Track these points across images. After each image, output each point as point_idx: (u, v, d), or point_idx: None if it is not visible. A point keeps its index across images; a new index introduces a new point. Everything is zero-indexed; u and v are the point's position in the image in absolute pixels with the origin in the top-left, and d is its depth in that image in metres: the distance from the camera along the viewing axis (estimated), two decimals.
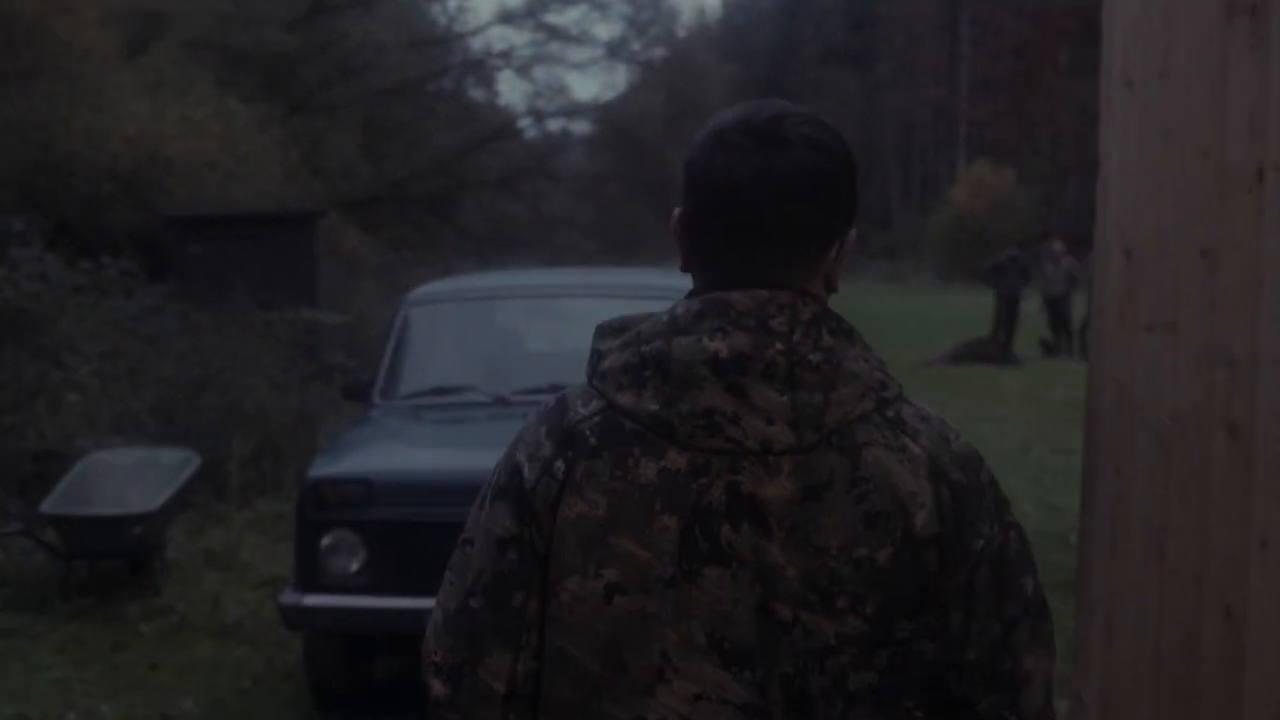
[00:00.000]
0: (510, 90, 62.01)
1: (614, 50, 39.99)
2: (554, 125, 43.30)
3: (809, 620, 1.50)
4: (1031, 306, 21.44)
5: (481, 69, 40.10)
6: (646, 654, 1.52)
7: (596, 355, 1.60)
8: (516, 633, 1.58)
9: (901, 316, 27.41)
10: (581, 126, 44.28)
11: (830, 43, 67.85)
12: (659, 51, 43.32)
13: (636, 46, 41.61)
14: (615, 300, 6.35)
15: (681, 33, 48.21)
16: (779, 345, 1.49)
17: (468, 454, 5.57)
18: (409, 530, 5.12)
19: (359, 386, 6.48)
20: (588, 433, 1.55)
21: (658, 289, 6.24)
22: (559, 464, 1.55)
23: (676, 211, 1.62)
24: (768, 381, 1.48)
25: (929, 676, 1.56)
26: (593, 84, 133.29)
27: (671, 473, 1.51)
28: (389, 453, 5.69)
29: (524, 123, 40.69)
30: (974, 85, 57.57)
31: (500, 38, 53.40)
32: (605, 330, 1.61)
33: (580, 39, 38.73)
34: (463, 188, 36.55)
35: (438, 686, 1.62)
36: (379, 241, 30.64)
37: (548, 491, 1.55)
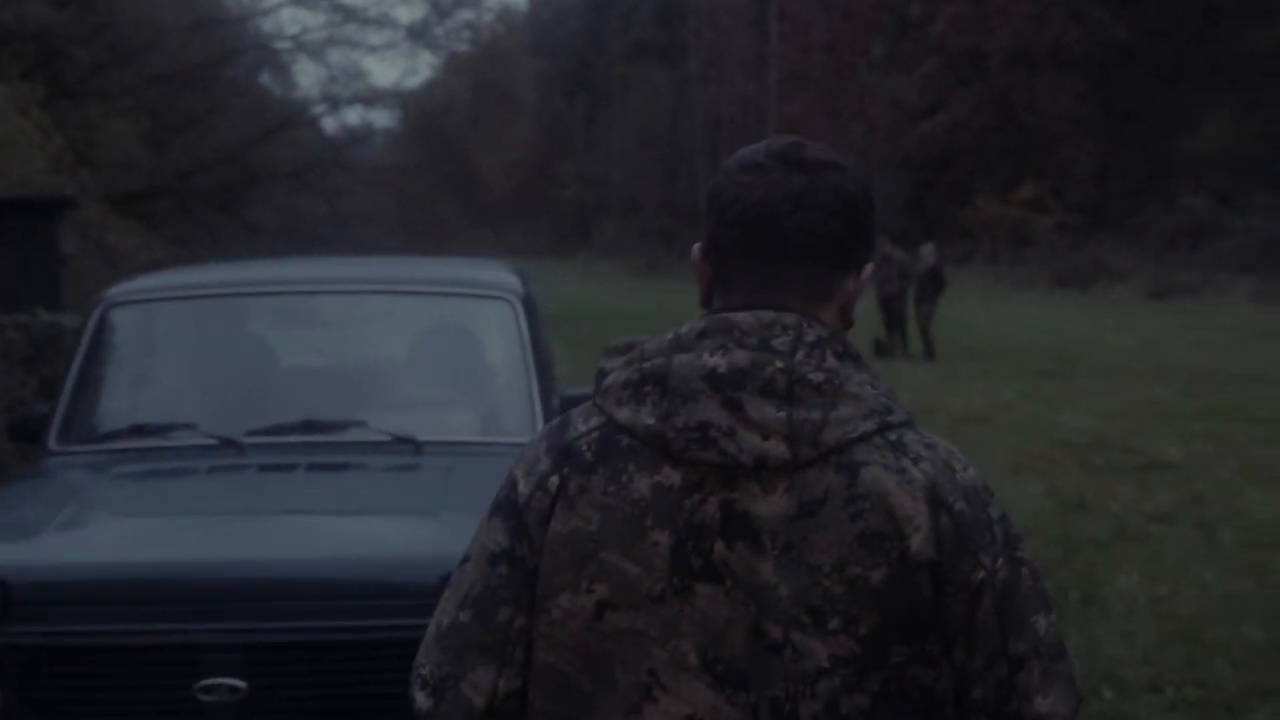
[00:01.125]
0: (305, 77, 59.46)
1: (416, 34, 37.84)
2: (354, 117, 41.22)
3: (800, 641, 1.47)
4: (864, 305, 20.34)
5: (274, 54, 37.74)
6: (636, 671, 1.50)
7: (601, 374, 1.59)
8: (501, 648, 1.56)
9: None
10: (383, 118, 42.27)
11: (638, 37, 67.45)
12: (465, 35, 41.37)
13: (440, 32, 39.57)
14: (395, 297, 4.60)
15: (488, 17, 46.28)
16: (779, 363, 1.49)
17: (170, 536, 3.67)
18: (68, 658, 3.24)
19: (30, 424, 4.48)
20: (584, 448, 1.55)
21: (447, 281, 4.56)
22: (554, 479, 1.55)
23: (696, 245, 1.64)
24: (765, 397, 1.47)
25: (926, 705, 1.51)
26: (393, 71, 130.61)
27: (665, 488, 1.50)
28: (46, 535, 3.60)
29: (320, 109, 38.41)
30: (784, 80, 56.96)
31: (293, 19, 50.92)
32: (612, 350, 1.62)
33: (379, 21, 36.61)
34: (252, 180, 34.21)
35: (421, 699, 1.59)
36: (160, 237, 28.42)
37: (540, 506, 1.55)
